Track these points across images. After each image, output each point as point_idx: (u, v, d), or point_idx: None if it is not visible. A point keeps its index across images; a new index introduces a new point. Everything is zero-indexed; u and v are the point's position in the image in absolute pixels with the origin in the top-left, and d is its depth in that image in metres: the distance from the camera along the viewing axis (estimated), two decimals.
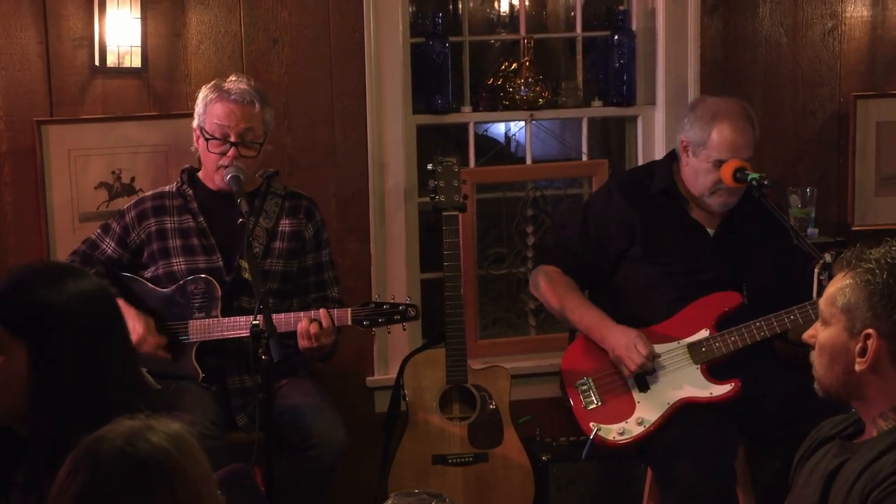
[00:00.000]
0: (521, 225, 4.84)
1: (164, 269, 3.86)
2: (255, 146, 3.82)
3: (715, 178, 3.87)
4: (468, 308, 4.42)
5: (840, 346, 2.31)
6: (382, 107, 4.43)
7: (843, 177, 4.89)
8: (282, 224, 3.92)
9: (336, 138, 4.42)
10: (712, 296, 3.85)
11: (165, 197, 3.93)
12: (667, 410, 3.72)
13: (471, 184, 4.50)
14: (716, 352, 3.77)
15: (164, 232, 3.88)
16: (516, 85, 4.73)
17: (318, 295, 3.95)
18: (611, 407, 3.75)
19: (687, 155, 3.94)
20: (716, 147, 3.87)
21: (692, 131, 3.92)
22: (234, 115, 3.80)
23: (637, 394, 3.76)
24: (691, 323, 3.84)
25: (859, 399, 2.33)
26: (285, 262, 3.91)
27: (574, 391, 3.80)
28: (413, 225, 4.58)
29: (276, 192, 3.96)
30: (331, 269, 4.00)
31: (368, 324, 3.72)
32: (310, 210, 3.98)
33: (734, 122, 3.89)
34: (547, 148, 5.16)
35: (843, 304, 2.29)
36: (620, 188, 4.04)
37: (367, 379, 4.54)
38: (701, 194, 3.93)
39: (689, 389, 3.75)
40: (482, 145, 4.97)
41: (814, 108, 4.84)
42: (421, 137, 4.62)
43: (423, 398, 4.09)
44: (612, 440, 3.71)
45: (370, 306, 3.73)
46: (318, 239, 3.98)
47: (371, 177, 4.45)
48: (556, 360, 4.52)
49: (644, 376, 3.76)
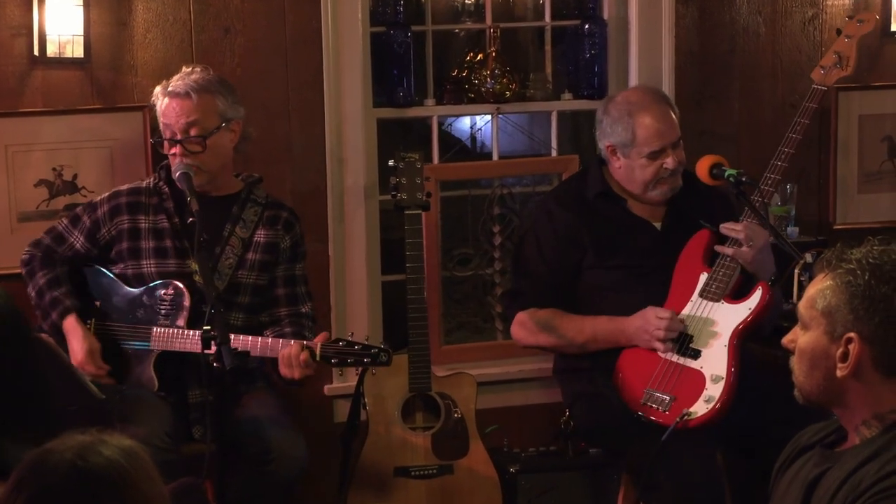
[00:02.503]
0: (487, 224, 4.85)
1: (133, 270, 3.87)
2: (199, 140, 3.80)
3: (653, 169, 3.98)
4: (432, 312, 4.43)
5: (820, 351, 2.31)
6: (341, 100, 4.43)
7: (825, 173, 4.93)
8: (257, 234, 3.93)
9: (292, 133, 4.42)
10: (685, 248, 3.96)
11: (142, 193, 3.92)
12: (729, 353, 3.78)
13: (434, 181, 4.50)
14: (725, 279, 3.87)
15: (138, 231, 3.88)
16: (482, 77, 4.74)
17: (290, 310, 3.95)
18: (683, 391, 3.79)
19: (616, 157, 4.04)
20: (644, 141, 3.97)
21: (614, 134, 4.01)
22: (174, 111, 3.80)
23: (694, 362, 3.82)
24: (687, 280, 3.93)
25: (841, 406, 2.34)
26: (258, 274, 3.92)
27: (645, 409, 3.83)
28: (373, 224, 4.58)
29: (257, 199, 3.97)
30: (303, 285, 4.01)
31: (336, 362, 3.74)
32: (289, 222, 3.98)
33: (652, 110, 3.99)
34: (514, 143, 5.17)
35: (824, 306, 2.30)
36: (557, 201, 4.13)
37: (326, 387, 4.55)
38: (643, 190, 4.03)
39: (731, 321, 3.82)
40: (446, 140, 5.01)
41: (794, 101, 4.86)
42: (382, 132, 4.62)
43: (384, 407, 4.08)
44: (704, 414, 3.73)
45: (340, 344, 3.73)
46: (294, 252, 3.98)
47: (329, 173, 4.45)
48: (525, 366, 4.54)
49: (688, 344, 3.83)
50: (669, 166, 3.97)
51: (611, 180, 4.09)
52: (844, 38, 4.16)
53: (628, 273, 4.01)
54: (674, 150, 3.99)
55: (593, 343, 3.98)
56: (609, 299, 4.00)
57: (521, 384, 4.71)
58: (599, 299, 4.02)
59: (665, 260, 3.98)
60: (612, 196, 4.07)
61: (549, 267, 4.05)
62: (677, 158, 3.98)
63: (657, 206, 4.08)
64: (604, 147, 4.05)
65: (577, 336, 3.99)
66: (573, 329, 3.99)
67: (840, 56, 4.14)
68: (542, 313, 4.04)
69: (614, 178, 4.09)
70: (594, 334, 3.96)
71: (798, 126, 4.04)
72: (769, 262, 3.93)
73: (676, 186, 4.04)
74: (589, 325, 3.98)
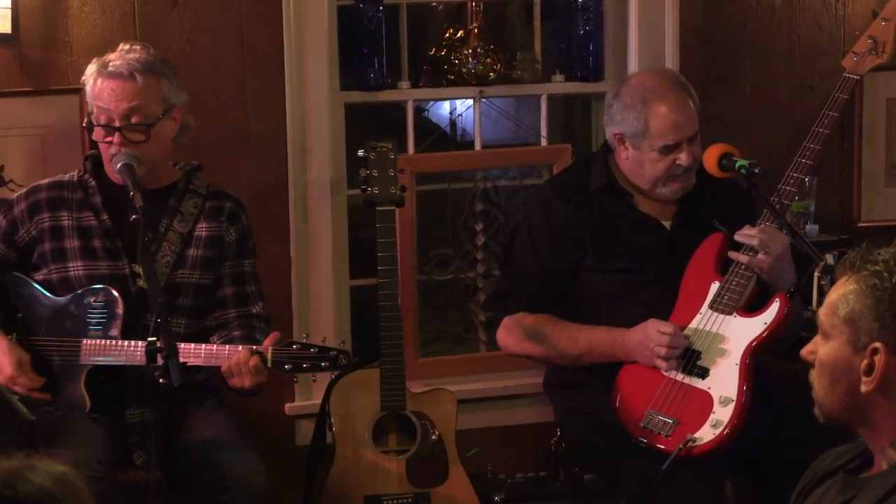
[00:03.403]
0: (469, 222, 4.87)
1: (59, 274, 3.84)
2: (143, 128, 3.78)
3: (665, 165, 3.97)
4: (407, 320, 4.44)
5: (842, 364, 2.30)
6: (304, 82, 4.44)
7: (848, 164, 4.96)
8: (198, 228, 3.91)
9: (249, 120, 4.42)
10: (695, 253, 3.95)
11: (64, 188, 3.90)
12: (741, 373, 3.77)
13: (410, 173, 4.49)
14: (739, 289, 3.86)
15: (61, 230, 3.85)
16: (463, 56, 4.75)
17: (240, 311, 3.94)
18: (688, 414, 3.79)
19: (624, 147, 4.03)
20: (658, 133, 3.96)
21: (624, 123, 4.00)
22: (114, 94, 3.76)
23: (700, 382, 3.82)
24: (696, 289, 3.92)
25: (866, 425, 2.33)
26: (201, 273, 3.90)
27: (645, 433, 3.83)
28: (341, 222, 4.58)
29: (197, 190, 3.96)
30: (254, 283, 3.99)
31: (291, 368, 3.71)
32: (234, 214, 3.97)
33: (669, 99, 3.97)
34: (499, 131, 5.17)
35: (846, 313, 2.29)
36: (556, 192, 4.12)
37: (287, 406, 4.55)
38: (651, 186, 4.03)
39: (744, 337, 3.81)
40: (423, 128, 5.01)
41: (813, 83, 4.89)
42: (350, 118, 4.62)
43: (352, 428, 4.07)
44: (710, 441, 3.73)
45: (294, 347, 3.71)
46: (241, 246, 3.97)
47: (291, 165, 4.46)
48: (511, 381, 4.54)
49: (695, 362, 3.83)
50: (683, 163, 3.96)
51: (617, 172, 4.09)
52: (881, 20, 4.13)
53: (632, 277, 4.01)
54: (689, 145, 3.97)
55: (589, 356, 3.97)
56: (609, 306, 4.00)
57: (506, 401, 4.72)
58: (598, 306, 4.02)
59: (674, 264, 3.97)
60: (616, 190, 4.07)
61: (543, 266, 4.05)
62: (693, 155, 3.97)
63: (667, 203, 4.08)
64: (611, 134, 4.05)
65: (570, 347, 3.99)
66: (567, 339, 3.99)
67: (875, 41, 4.12)
68: (532, 319, 4.04)
69: (621, 170, 4.09)
70: (590, 346, 3.96)
71: (826, 119, 4.02)
72: (788, 271, 3.91)
73: (689, 185, 4.03)
74: (585, 336, 3.98)
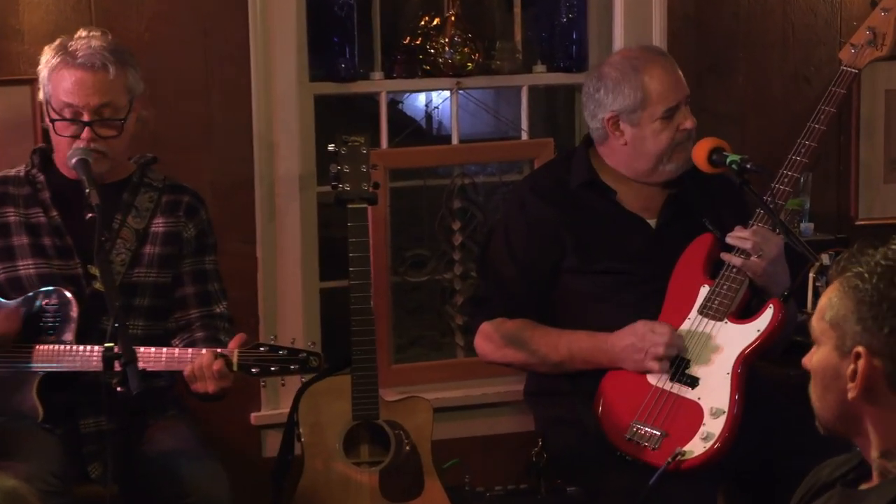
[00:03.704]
0: (445, 220, 4.88)
1: (7, 274, 3.82)
2: (116, 123, 3.78)
3: (670, 133, 3.97)
4: (380, 324, 4.44)
5: (831, 370, 2.30)
6: (271, 73, 4.43)
7: (845, 159, 4.98)
8: (155, 224, 3.90)
9: (213, 112, 4.42)
10: (683, 254, 3.95)
11: (10, 183, 3.88)
12: (733, 383, 3.76)
13: (383, 169, 4.51)
14: (731, 294, 3.85)
15: (7, 227, 3.84)
16: (439, 45, 4.75)
17: (202, 311, 3.93)
18: (676, 426, 3.77)
19: (619, 132, 4.01)
20: (659, 97, 3.96)
21: (618, 100, 3.98)
22: (85, 87, 3.75)
23: (690, 392, 3.80)
24: (684, 293, 3.91)
25: (858, 434, 2.33)
26: (158, 271, 3.88)
27: (630, 446, 3.81)
28: (310, 221, 4.59)
29: (153, 183, 3.94)
30: (216, 281, 3.99)
31: (258, 372, 3.69)
32: (193, 207, 3.96)
33: (659, 62, 4.01)
34: (478, 124, 5.18)
35: (831, 317, 2.30)
36: (534, 191, 4.11)
37: (253, 415, 4.56)
38: (655, 164, 4.00)
39: (736, 344, 3.80)
40: (397, 121, 5.01)
41: (808, 74, 4.90)
42: (320, 111, 4.62)
43: (322, 439, 4.05)
44: (701, 454, 3.71)
45: (261, 350, 3.69)
46: (200, 242, 3.96)
47: (257, 161, 4.46)
48: (490, 389, 4.55)
49: (683, 370, 3.81)
50: (688, 126, 3.97)
51: (600, 167, 4.08)
52: (881, 11, 4.12)
53: (616, 279, 4.00)
54: (686, 108, 4.00)
55: (570, 363, 3.96)
56: (592, 309, 3.99)
57: (485, 410, 4.74)
58: (581, 309, 4.01)
59: (660, 265, 3.97)
60: (599, 186, 4.06)
61: (521, 269, 4.04)
62: (692, 119, 3.99)
63: (652, 199, 4.07)
64: (602, 121, 4.02)
65: (551, 353, 3.97)
66: (547, 345, 3.98)
67: (875, 33, 4.11)
68: (511, 324, 4.03)
69: (605, 165, 4.08)
70: (571, 353, 3.95)
71: (822, 115, 4.01)
72: (783, 275, 3.91)
73: (687, 163, 4.02)
74: (566, 342, 3.96)
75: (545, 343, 3.98)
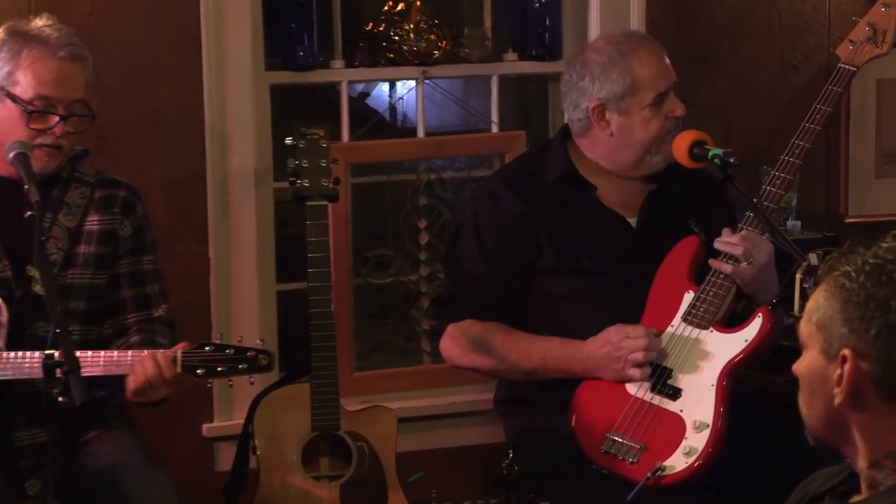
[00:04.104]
0: (411, 218, 4.90)
1: None
2: (87, 119, 3.79)
3: (659, 121, 3.96)
4: (341, 329, 4.44)
5: (818, 375, 2.29)
6: (224, 61, 4.44)
7: (834, 153, 5.01)
8: (88, 221, 3.87)
9: (162, 103, 4.41)
10: (667, 258, 3.94)
11: None
12: (717, 395, 3.74)
13: (344, 164, 4.49)
14: (717, 301, 3.84)
15: None
16: (404, 32, 4.77)
17: (140, 315, 3.90)
18: (657, 439, 3.76)
19: (605, 122, 4.00)
20: (649, 82, 3.95)
21: (605, 87, 3.96)
22: (64, 80, 3.74)
23: (672, 404, 3.79)
24: (668, 298, 3.90)
25: (845, 443, 2.31)
26: (94, 272, 3.85)
27: (606, 459, 3.80)
28: (266, 219, 4.60)
29: (84, 178, 3.91)
30: (156, 282, 3.97)
31: (203, 373, 3.67)
32: (129, 203, 3.93)
33: (645, 47, 4.01)
34: (445, 116, 5.20)
35: (818, 319, 2.29)
36: (506, 185, 4.09)
37: (205, 427, 4.56)
38: (642, 156, 3.99)
39: (721, 355, 3.79)
40: (359, 113, 5.03)
41: (795, 62, 4.92)
42: (277, 102, 4.63)
43: (279, 451, 4.05)
44: (682, 470, 3.70)
45: (206, 349, 3.68)
46: (138, 241, 3.93)
47: (210, 155, 4.46)
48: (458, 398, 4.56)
49: (665, 380, 3.80)
50: (679, 113, 3.96)
51: (578, 160, 4.07)
52: (881, 6, 4.11)
53: (593, 281, 3.98)
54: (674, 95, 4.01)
55: (542, 371, 3.94)
56: (567, 312, 3.98)
57: (453, 420, 4.76)
58: (555, 312, 4.00)
59: (639, 267, 3.95)
60: (578, 180, 4.05)
61: (492, 268, 4.03)
62: (681, 106, 4.00)
63: (632, 196, 4.06)
64: (587, 111, 4.00)
65: (522, 360, 3.95)
66: (518, 351, 3.96)
67: (875, 29, 4.10)
68: (480, 327, 4.00)
69: (584, 158, 4.07)
70: (544, 361, 3.93)
71: (818, 115, 3.99)
72: (772, 282, 3.91)
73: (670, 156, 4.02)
74: (538, 349, 3.94)
75: (516, 349, 3.96)
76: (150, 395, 3.63)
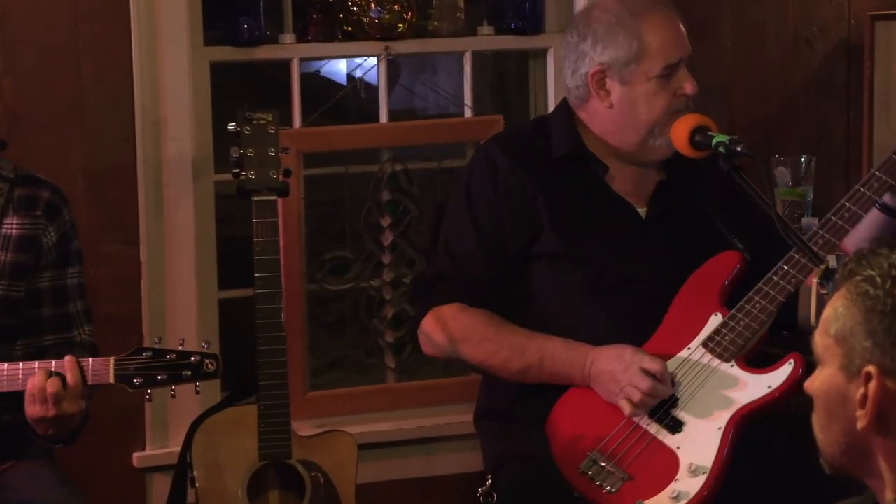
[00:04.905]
0: (372, 216, 4.91)
1: None
2: None
3: (666, 97, 3.92)
4: (293, 343, 4.44)
5: (836, 394, 2.28)
6: (156, 34, 4.46)
7: (855, 138, 4.99)
8: (6, 225, 3.83)
9: (83, 83, 4.42)
10: (702, 267, 3.91)
11: None
12: (723, 441, 3.71)
13: (296, 153, 4.56)
14: (747, 333, 3.80)
15: None
16: (364, 2, 4.76)
17: (59, 338, 3.87)
18: (645, 472, 3.73)
19: (605, 91, 3.96)
20: (659, 51, 3.92)
21: (609, 50, 3.93)
22: None
23: (670, 437, 3.76)
24: (691, 315, 3.88)
25: (868, 473, 2.30)
26: (10, 283, 3.82)
27: (582, 481, 3.77)
28: (206, 216, 4.62)
29: (2, 174, 3.88)
30: (80, 299, 3.93)
31: (141, 383, 3.64)
32: (53, 206, 3.89)
33: (660, 11, 3.97)
34: (412, 98, 5.30)
35: (837, 330, 2.28)
36: (507, 154, 4.03)
37: (136, 455, 4.56)
38: (644, 137, 3.95)
39: (738, 396, 3.75)
40: (314, 94, 4.99)
41: (810, 36, 4.89)
42: (218, 82, 4.66)
43: (222, 483, 4.04)
44: None
45: (144, 355, 3.66)
46: (63, 251, 3.89)
47: (140, 142, 4.46)
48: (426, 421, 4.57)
49: (669, 409, 3.78)
50: (689, 91, 3.92)
51: (586, 136, 4.04)
52: None
53: (594, 275, 3.95)
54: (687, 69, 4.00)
55: (536, 371, 3.89)
56: (559, 308, 3.94)
57: (422, 446, 4.80)
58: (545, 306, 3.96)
59: (646, 264, 3.94)
60: (589, 159, 4.02)
61: (485, 242, 3.99)
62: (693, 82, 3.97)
63: (643, 183, 4.04)
64: (585, 76, 3.97)
65: (515, 358, 3.91)
66: (512, 346, 3.92)
67: None
68: (471, 314, 3.95)
69: (592, 134, 4.03)
70: (541, 360, 3.88)
71: None
72: None
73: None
74: (536, 347, 3.90)
75: (510, 344, 3.91)
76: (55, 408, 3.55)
